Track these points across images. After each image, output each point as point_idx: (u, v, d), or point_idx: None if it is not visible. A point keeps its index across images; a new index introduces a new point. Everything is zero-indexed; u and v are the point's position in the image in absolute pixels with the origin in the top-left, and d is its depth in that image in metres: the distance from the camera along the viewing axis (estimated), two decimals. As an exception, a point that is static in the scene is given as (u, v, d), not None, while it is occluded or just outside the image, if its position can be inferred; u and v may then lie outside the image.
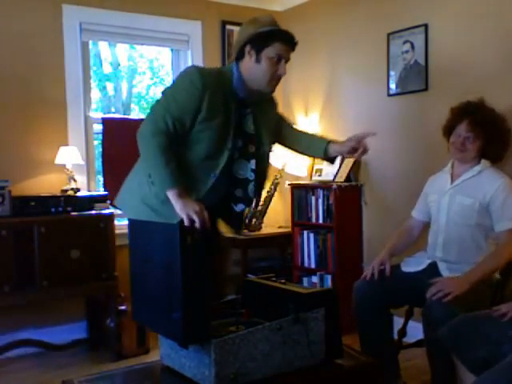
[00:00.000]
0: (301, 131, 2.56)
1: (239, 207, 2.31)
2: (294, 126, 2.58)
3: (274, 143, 2.45)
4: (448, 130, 2.69)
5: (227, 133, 2.20)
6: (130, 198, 2.30)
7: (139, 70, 4.46)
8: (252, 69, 2.20)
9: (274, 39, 2.18)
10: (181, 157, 2.17)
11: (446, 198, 2.63)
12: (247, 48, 2.19)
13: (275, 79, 2.23)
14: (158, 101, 2.23)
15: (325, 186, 3.83)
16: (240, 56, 2.22)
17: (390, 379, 2.63)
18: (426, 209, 2.77)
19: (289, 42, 2.23)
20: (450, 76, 3.27)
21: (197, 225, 1.97)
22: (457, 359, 2.03)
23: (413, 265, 2.66)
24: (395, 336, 2.79)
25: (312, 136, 2.56)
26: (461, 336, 2.00)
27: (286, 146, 2.55)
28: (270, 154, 2.42)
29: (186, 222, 1.97)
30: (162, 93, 2.24)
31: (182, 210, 2.03)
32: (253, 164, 2.28)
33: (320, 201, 3.84)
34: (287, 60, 2.25)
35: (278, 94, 2.51)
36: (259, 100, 2.33)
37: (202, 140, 2.18)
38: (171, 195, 2.08)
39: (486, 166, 2.59)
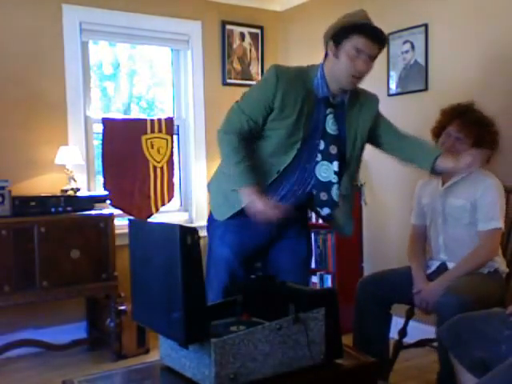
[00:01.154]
0: (406, 136, 2.35)
1: (325, 211, 2.26)
2: (398, 130, 2.38)
3: (365, 144, 2.33)
4: (438, 131, 2.70)
5: (297, 132, 2.16)
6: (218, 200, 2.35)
7: (139, 70, 4.45)
8: (332, 65, 2.15)
9: (353, 32, 2.08)
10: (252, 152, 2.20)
11: (439, 200, 2.65)
12: (330, 44, 2.15)
13: (354, 75, 2.12)
14: (237, 100, 2.25)
15: (325, 185, 3.82)
16: (326, 54, 2.19)
17: (379, 379, 2.64)
18: (422, 212, 2.78)
19: (370, 35, 2.08)
20: (449, 76, 3.27)
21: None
22: (455, 358, 2.03)
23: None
24: (395, 336, 2.80)
25: (420, 145, 2.31)
26: (459, 335, 2.00)
27: (384, 151, 2.40)
28: (361, 156, 2.33)
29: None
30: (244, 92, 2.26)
31: (249, 209, 2.11)
32: (335, 166, 2.21)
33: (320, 201, 3.83)
34: (372, 56, 2.12)
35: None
36: (352, 100, 2.25)
37: (272, 137, 2.18)
38: (242, 193, 2.14)
39: (476, 168, 2.60)
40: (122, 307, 3.38)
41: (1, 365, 3.31)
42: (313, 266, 3.92)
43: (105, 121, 3.81)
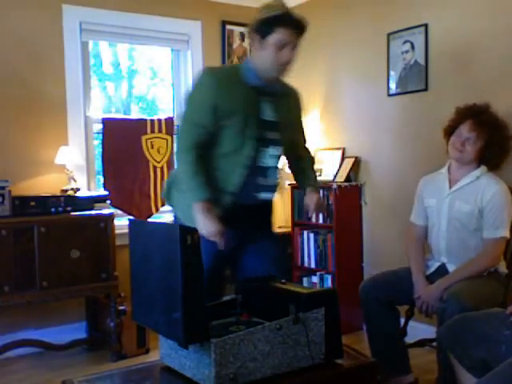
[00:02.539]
0: (303, 159, 2.54)
1: (265, 195, 2.33)
2: (304, 142, 2.56)
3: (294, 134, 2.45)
4: (450, 130, 2.68)
5: (250, 123, 2.22)
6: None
7: (139, 70, 4.45)
8: (259, 56, 2.23)
9: (277, 25, 2.17)
10: (213, 155, 2.25)
11: (446, 203, 2.63)
12: (254, 37, 2.21)
13: (281, 64, 2.22)
14: (181, 113, 2.30)
15: (325, 185, 3.83)
16: (252, 44, 2.26)
17: (402, 374, 2.65)
18: (425, 213, 2.76)
19: (294, 26, 2.19)
20: (449, 76, 3.27)
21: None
22: (455, 358, 2.03)
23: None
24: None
25: (304, 171, 2.54)
26: (458, 335, 2.00)
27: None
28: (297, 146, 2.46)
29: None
30: (184, 106, 2.30)
31: (200, 226, 2.11)
32: (274, 151, 2.31)
33: (320, 201, 3.84)
34: (295, 45, 2.22)
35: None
36: (282, 91, 2.35)
37: (227, 135, 2.22)
38: (195, 208, 2.16)
39: (484, 172, 2.59)
40: (122, 307, 3.38)
41: (1, 365, 3.31)
42: (313, 266, 3.93)
43: (105, 121, 3.81)
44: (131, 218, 3.66)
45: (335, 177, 3.88)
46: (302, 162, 2.55)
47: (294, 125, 2.45)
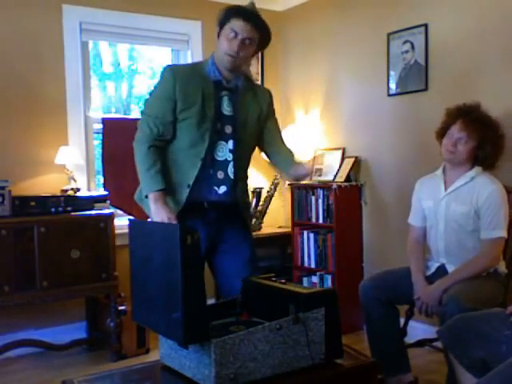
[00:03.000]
0: (283, 152, 2.49)
1: (221, 189, 2.34)
2: (280, 136, 2.53)
3: (257, 132, 2.45)
4: (442, 132, 2.67)
5: (206, 117, 2.28)
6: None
7: (139, 70, 4.45)
8: (218, 47, 2.33)
9: (231, 15, 2.27)
10: (171, 148, 2.32)
11: (442, 205, 2.63)
12: (217, 28, 2.34)
13: (230, 54, 2.27)
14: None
15: (325, 185, 3.83)
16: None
17: (402, 373, 2.65)
18: (423, 215, 2.76)
19: (246, 18, 2.25)
20: (449, 76, 3.27)
21: None
22: (454, 358, 2.03)
23: None
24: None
25: (285, 157, 2.48)
26: (458, 335, 2.00)
27: (261, 148, 2.54)
28: (254, 139, 2.45)
29: None
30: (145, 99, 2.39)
31: (155, 215, 2.20)
32: (230, 145, 2.33)
33: (320, 201, 3.84)
34: (251, 39, 2.27)
35: (278, 94, 2.52)
36: (243, 87, 2.38)
37: (184, 128, 2.29)
38: (149, 198, 2.24)
39: (479, 172, 2.58)
40: (122, 307, 3.38)
41: (1, 365, 3.31)
42: (313, 266, 3.93)
43: (105, 121, 3.81)
44: (131, 217, 3.65)
45: (335, 177, 3.88)
46: (282, 154, 2.49)
47: (257, 121, 2.42)
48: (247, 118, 2.39)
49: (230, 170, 2.34)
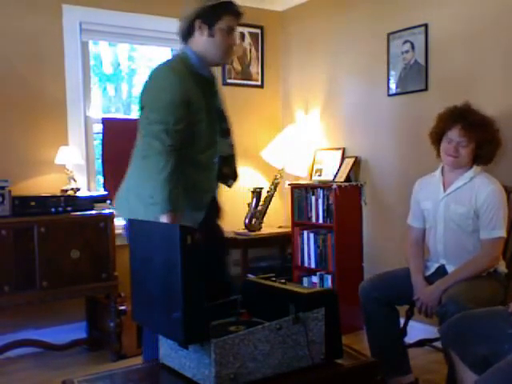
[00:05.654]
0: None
1: (230, 183, 2.39)
2: None
3: None
4: (437, 137, 2.66)
5: (213, 115, 2.26)
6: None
7: (139, 70, 4.45)
8: (206, 44, 2.24)
9: (225, 12, 2.23)
10: (188, 156, 2.19)
11: (441, 206, 2.63)
12: (197, 23, 2.21)
13: (230, 50, 2.30)
14: (147, 117, 2.15)
15: (325, 185, 3.83)
16: (189, 33, 2.25)
17: (402, 374, 2.65)
18: (422, 216, 2.76)
19: (237, 13, 2.28)
20: (449, 76, 3.27)
21: None
22: (456, 356, 2.03)
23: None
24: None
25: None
26: (460, 333, 2.00)
27: None
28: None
29: None
30: (149, 110, 2.15)
31: None
32: (230, 140, 2.36)
33: (320, 201, 3.84)
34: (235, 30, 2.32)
35: (278, 94, 2.52)
36: (213, 78, 2.38)
37: (200, 131, 2.21)
38: (166, 217, 2.07)
39: (478, 172, 2.58)
40: (122, 307, 3.38)
41: (1, 365, 3.30)
42: (313, 266, 3.93)
43: (105, 121, 3.81)
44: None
45: (335, 177, 3.88)
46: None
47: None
48: (224, 108, 2.40)
49: (234, 164, 2.38)
